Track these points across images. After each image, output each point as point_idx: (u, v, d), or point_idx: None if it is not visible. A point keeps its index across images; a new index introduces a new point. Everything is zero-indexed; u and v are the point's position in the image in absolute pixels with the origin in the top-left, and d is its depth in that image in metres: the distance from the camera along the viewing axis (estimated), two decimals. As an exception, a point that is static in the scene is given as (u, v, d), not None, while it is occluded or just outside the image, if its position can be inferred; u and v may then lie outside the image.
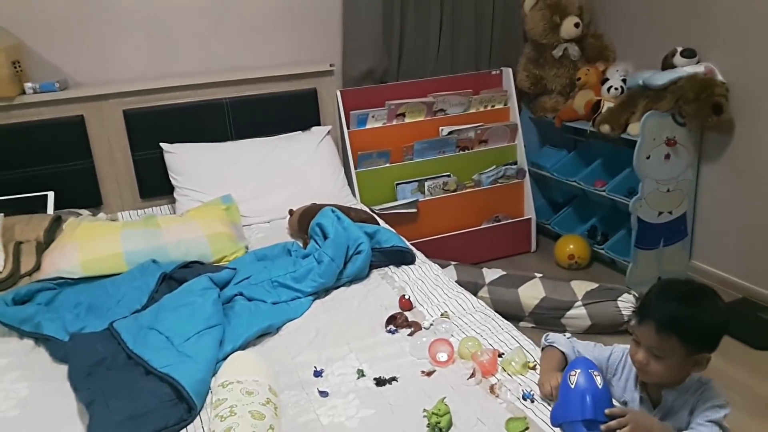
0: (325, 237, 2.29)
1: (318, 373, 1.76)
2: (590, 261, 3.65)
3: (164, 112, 3.13)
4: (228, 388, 1.51)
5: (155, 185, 3.14)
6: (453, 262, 3.33)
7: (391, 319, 1.99)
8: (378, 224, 2.64)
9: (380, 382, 1.70)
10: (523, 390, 1.59)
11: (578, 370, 1.46)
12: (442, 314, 2.01)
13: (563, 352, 1.67)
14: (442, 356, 1.76)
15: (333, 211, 2.36)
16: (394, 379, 1.71)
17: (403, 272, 2.35)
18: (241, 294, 2.12)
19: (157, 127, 3.11)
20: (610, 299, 2.94)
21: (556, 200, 4.12)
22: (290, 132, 3.27)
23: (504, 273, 3.22)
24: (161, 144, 3.07)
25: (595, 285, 3.05)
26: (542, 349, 1.73)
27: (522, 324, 3.09)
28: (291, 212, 2.74)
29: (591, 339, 2.91)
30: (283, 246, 2.45)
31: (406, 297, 2.10)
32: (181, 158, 3.06)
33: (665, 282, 1.57)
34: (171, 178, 3.06)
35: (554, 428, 1.45)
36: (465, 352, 1.77)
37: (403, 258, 2.40)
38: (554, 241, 3.78)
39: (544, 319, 3.02)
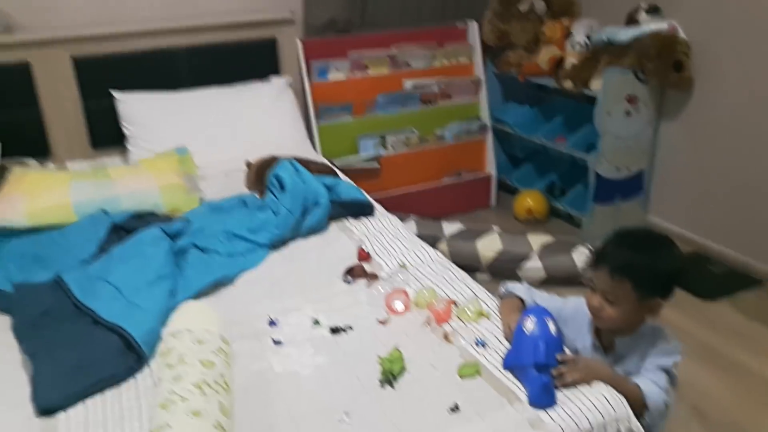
0: (283, 189, 2.25)
1: (273, 323, 1.74)
2: (548, 216, 3.69)
3: (116, 59, 3.00)
4: (178, 338, 1.47)
5: (107, 135, 3.02)
6: (413, 216, 3.32)
7: (349, 270, 1.98)
8: (338, 177, 2.60)
9: (335, 330, 1.69)
10: (476, 337, 1.61)
11: (532, 317, 1.47)
12: (400, 265, 2.01)
13: (522, 299, 1.68)
14: (398, 305, 1.76)
15: (291, 163, 2.31)
16: (349, 327, 1.70)
17: (362, 224, 2.33)
18: (194, 245, 2.06)
19: (108, 74, 2.98)
20: (566, 252, 2.98)
21: (516, 156, 4.13)
22: (248, 82, 3.17)
23: (463, 227, 3.23)
24: (112, 92, 2.95)
25: (551, 238, 3.09)
26: (501, 297, 1.75)
27: (479, 276, 3.12)
28: (248, 164, 2.67)
29: (547, 291, 3.03)
30: (239, 198, 2.40)
31: (365, 249, 2.08)
32: (134, 107, 2.94)
33: (623, 230, 1.58)
34: (123, 128, 2.95)
35: (506, 372, 1.47)
36: (421, 302, 1.77)
37: (363, 210, 2.37)
38: (513, 197, 3.80)
39: (501, 272, 3.05)
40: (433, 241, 3.15)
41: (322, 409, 1.40)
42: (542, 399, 1.36)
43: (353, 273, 1.97)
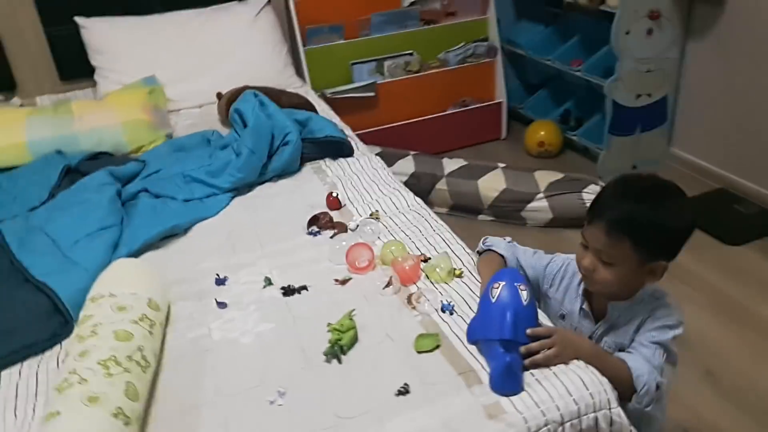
0: (246, 125, 2.01)
1: (221, 281, 1.56)
2: (562, 148, 3.39)
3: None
4: (98, 303, 1.30)
5: (76, 66, 2.78)
6: (412, 152, 3.07)
7: (314, 220, 1.77)
8: (314, 110, 2.35)
9: (288, 291, 1.51)
10: (443, 301, 1.40)
11: (502, 283, 1.25)
12: (370, 214, 1.79)
13: (503, 257, 1.46)
14: (361, 262, 1.55)
15: (256, 95, 2.05)
16: (304, 288, 1.51)
17: (338, 166, 2.10)
18: (146, 190, 1.87)
19: (71, -2, 2.72)
20: (575, 191, 2.71)
21: (531, 82, 3.79)
22: (223, 2, 2.87)
23: (465, 163, 2.97)
24: (75, 18, 2.69)
25: (560, 175, 2.82)
26: (480, 254, 1.53)
27: (481, 217, 2.89)
28: (219, 96, 2.44)
29: (553, 233, 2.79)
30: (202, 135, 2.18)
31: (334, 195, 1.86)
32: (100, 34, 2.69)
33: (624, 177, 1.32)
34: (90, 58, 2.71)
35: (471, 347, 1.27)
36: (387, 258, 1.56)
37: (340, 150, 2.13)
38: (526, 128, 3.49)
39: (504, 212, 2.82)
40: (431, 180, 2.92)
41: (255, 386, 1.23)
42: (505, 383, 1.15)
43: (319, 223, 1.76)
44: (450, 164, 2.98)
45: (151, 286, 1.41)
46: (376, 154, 3.05)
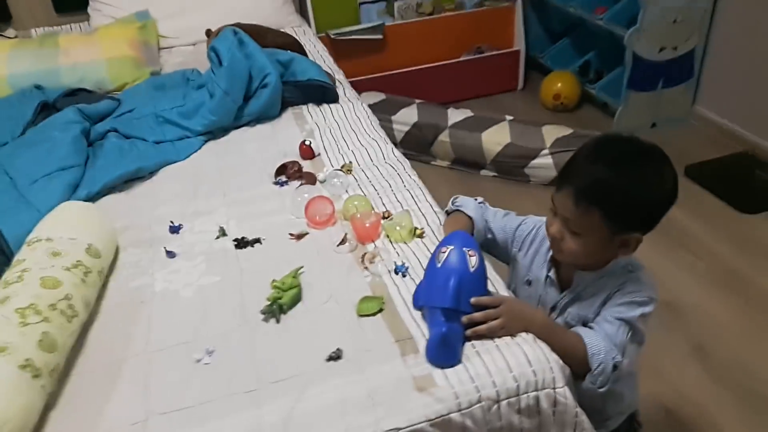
0: (222, 65, 1.91)
1: (175, 229, 1.50)
2: (579, 102, 3.20)
3: None
4: (32, 247, 1.26)
5: (71, -1, 2.71)
6: (417, 101, 2.93)
7: (282, 169, 1.69)
8: (302, 52, 2.22)
9: (241, 243, 1.44)
10: (397, 262, 1.31)
11: (450, 247, 1.16)
12: (342, 166, 1.69)
13: (471, 218, 1.36)
14: (321, 217, 1.47)
15: (235, 33, 1.94)
16: (258, 241, 1.44)
17: (320, 112, 1.99)
18: (115, 130, 1.80)
19: None
20: (583, 149, 2.55)
21: (554, 30, 3.56)
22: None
23: (470, 114, 2.83)
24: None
25: (568, 131, 2.66)
26: (448, 214, 1.43)
27: (483, 172, 2.77)
28: (208, 33, 2.32)
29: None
30: (183, 74, 2.09)
31: (307, 143, 1.76)
32: (92, -37, 2.59)
33: (601, 138, 1.19)
34: (83, -12, 2.62)
35: (415, 313, 1.19)
36: (349, 213, 1.47)
37: (324, 95, 2.02)
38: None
39: (507, 168, 2.68)
40: (434, 131, 2.79)
41: (186, 342, 1.18)
42: (439, 353, 1.07)
43: (287, 172, 1.68)
44: (455, 115, 2.84)
45: (95, 232, 1.35)
46: (379, 102, 2.96)
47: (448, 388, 1.03)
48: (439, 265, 1.15)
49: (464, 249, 1.15)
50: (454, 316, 1.10)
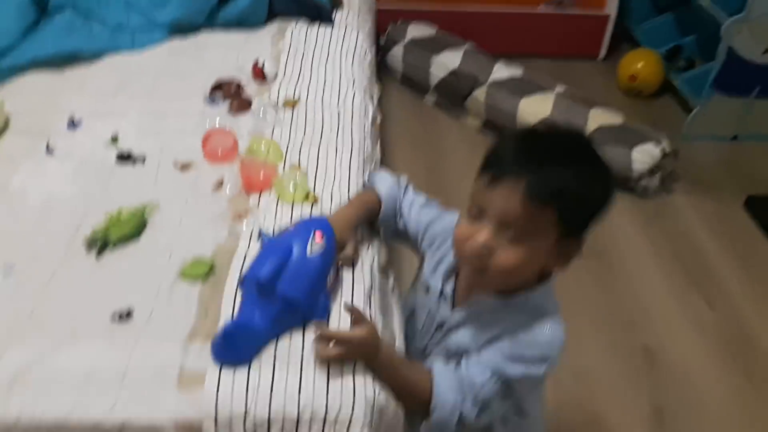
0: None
1: (72, 125, 1.36)
2: (659, 90, 2.74)
3: None
4: None
5: None
6: (466, 45, 2.60)
7: (220, 87, 1.49)
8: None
9: (123, 158, 1.27)
10: (266, 227, 1.10)
11: (299, 224, 0.96)
12: (286, 101, 1.46)
13: (381, 200, 1.11)
14: (216, 150, 1.27)
15: None
16: (142, 160, 1.27)
17: (306, 31, 1.75)
18: (73, 5, 1.66)
19: None
20: (626, 145, 2.17)
21: (659, 2, 3.03)
22: None
23: (519, 74, 2.47)
24: None
25: (618, 121, 2.26)
26: (363, 187, 1.20)
27: (510, 144, 2.43)
28: None
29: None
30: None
31: (260, 64, 1.54)
32: None
33: (531, 129, 0.98)
34: None
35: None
36: (252, 154, 1.26)
37: (318, 13, 1.77)
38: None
39: (536, 147, 2.34)
40: (471, 84, 2.47)
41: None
42: (222, 349, 0.87)
43: (223, 92, 1.47)
44: (501, 70, 2.49)
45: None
46: (426, 37, 2.65)
47: (211, 394, 0.84)
48: (266, 240, 0.94)
49: (315, 230, 0.93)
50: (267, 303, 0.89)
